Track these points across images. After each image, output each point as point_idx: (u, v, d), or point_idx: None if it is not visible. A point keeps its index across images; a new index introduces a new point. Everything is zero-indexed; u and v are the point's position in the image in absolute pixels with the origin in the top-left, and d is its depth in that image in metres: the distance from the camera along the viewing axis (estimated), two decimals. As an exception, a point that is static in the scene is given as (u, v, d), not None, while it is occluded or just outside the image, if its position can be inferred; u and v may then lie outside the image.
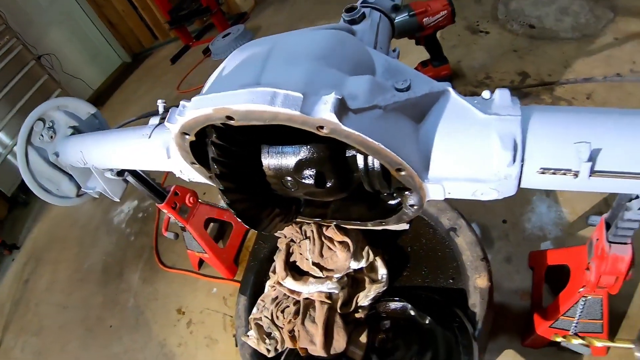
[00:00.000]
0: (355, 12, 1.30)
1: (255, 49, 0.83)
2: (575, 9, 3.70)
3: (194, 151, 0.89)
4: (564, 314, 1.52)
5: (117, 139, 1.46)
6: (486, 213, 2.24)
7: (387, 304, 1.24)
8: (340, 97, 0.62)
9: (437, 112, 0.75)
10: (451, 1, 2.46)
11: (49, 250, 3.77)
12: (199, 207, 2.32)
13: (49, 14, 5.55)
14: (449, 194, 0.78)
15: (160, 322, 2.60)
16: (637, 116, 0.71)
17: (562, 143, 0.70)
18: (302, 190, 0.86)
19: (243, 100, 0.66)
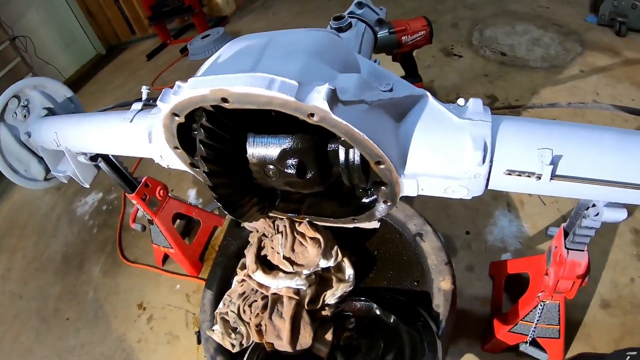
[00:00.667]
0: (343, 21, 1.37)
1: (251, 41, 0.87)
2: (546, 41, 3.85)
3: (179, 136, 0.92)
4: (523, 319, 1.58)
5: (96, 122, 1.46)
6: (451, 224, 2.32)
7: (353, 303, 1.28)
8: (332, 88, 0.66)
9: (416, 114, 0.81)
10: (430, 23, 2.55)
11: (6, 236, 3.65)
12: (168, 201, 2.31)
13: None
14: (422, 190, 0.83)
15: (120, 317, 2.56)
16: (596, 130, 0.79)
17: (527, 148, 0.76)
18: (282, 180, 0.89)
19: (242, 83, 0.69)
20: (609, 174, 0.76)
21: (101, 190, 3.61)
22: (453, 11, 4.54)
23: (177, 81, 0.79)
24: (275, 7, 5.92)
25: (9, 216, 3.88)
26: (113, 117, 1.38)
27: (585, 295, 1.96)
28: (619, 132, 0.80)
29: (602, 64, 3.49)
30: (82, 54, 6.23)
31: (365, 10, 1.57)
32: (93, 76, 5.95)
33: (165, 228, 2.28)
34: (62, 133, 1.60)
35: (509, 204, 2.38)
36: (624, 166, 0.76)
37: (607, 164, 0.76)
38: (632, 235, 2.16)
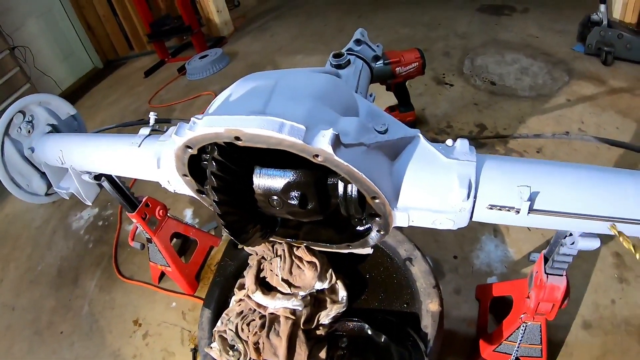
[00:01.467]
0: (342, 59, 1.46)
1: (259, 82, 0.94)
2: (534, 70, 3.96)
3: (188, 165, 0.99)
4: (507, 339, 1.66)
5: (104, 144, 1.52)
6: (438, 249, 2.40)
7: (346, 323, 1.35)
8: (336, 133, 0.74)
9: (409, 153, 0.90)
10: (423, 55, 2.64)
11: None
12: (167, 220, 2.37)
13: (30, 4, 5.45)
14: (412, 221, 0.92)
15: (115, 332, 2.58)
16: (570, 168, 0.89)
17: (507, 185, 0.86)
18: (285, 210, 0.97)
19: (255, 125, 0.76)
20: (582, 208, 0.85)
21: (97, 206, 3.62)
22: (445, 39, 4.65)
23: (192, 117, 0.85)
24: (272, 29, 6.02)
25: (2, 227, 3.86)
26: (121, 140, 1.44)
27: (568, 316, 2.03)
28: (593, 169, 0.89)
29: (588, 93, 3.59)
30: (80, 67, 6.28)
31: (363, 47, 1.66)
32: (89, 90, 5.98)
33: (163, 247, 2.33)
34: (67, 151, 1.65)
35: (495, 229, 2.46)
36: (595, 201, 0.86)
37: (580, 199, 0.86)
38: (613, 258, 2.24)
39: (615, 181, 0.87)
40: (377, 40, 2.12)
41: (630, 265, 2.20)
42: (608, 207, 0.85)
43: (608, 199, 0.85)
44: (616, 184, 0.86)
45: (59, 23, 5.91)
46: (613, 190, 0.85)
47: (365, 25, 2.02)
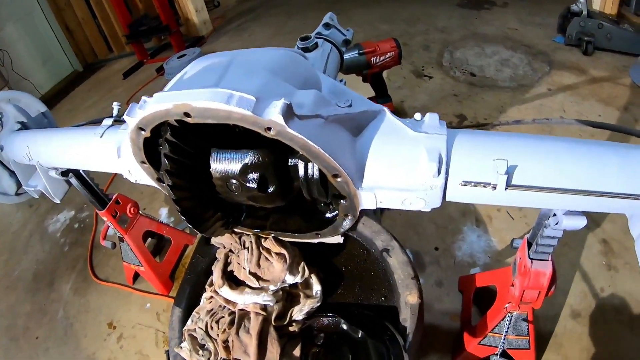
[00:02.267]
0: (309, 41, 1.41)
1: (216, 59, 0.89)
2: (515, 61, 3.95)
3: (146, 151, 0.93)
4: (492, 331, 1.61)
5: (67, 137, 1.46)
6: (419, 241, 2.36)
7: (320, 319, 1.28)
8: (288, 103, 0.68)
9: (373, 128, 0.83)
10: (399, 44, 2.60)
11: (-25, 254, 3.55)
12: (139, 218, 2.29)
13: (10, 7, 5.34)
14: (380, 202, 0.85)
15: (90, 335, 2.53)
16: (549, 140, 0.82)
17: (482, 159, 0.79)
18: (245, 194, 0.91)
19: (203, 98, 0.71)
20: (564, 182, 0.79)
21: (73, 208, 3.55)
22: (425, 34, 4.65)
23: (143, 96, 0.81)
24: (251, 28, 5.99)
25: (-22, 234, 3.75)
26: (84, 133, 1.38)
27: (556, 306, 2.00)
28: (572, 141, 0.83)
29: (569, 82, 3.59)
30: (59, 71, 6.15)
31: (332, 31, 1.60)
32: (69, 93, 5.88)
33: (135, 246, 2.26)
34: (33, 147, 1.59)
35: (478, 219, 2.42)
36: (578, 174, 0.79)
37: (561, 172, 0.80)
38: (600, 246, 2.21)
39: (598, 153, 0.81)
40: (357, 37, 2.09)
41: (619, 252, 2.18)
42: (592, 181, 0.79)
43: (591, 172, 0.79)
44: (599, 156, 0.80)
45: (38, 27, 5.79)
46: (596, 163, 0.79)
47: (345, 22, 1.98)
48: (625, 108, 3.31)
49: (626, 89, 3.54)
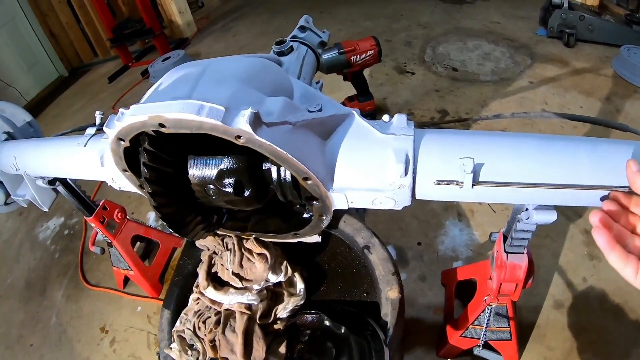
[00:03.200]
0: (284, 45, 1.43)
1: (189, 69, 0.92)
2: (497, 55, 3.99)
3: (127, 159, 0.96)
4: (473, 323, 1.64)
5: (52, 147, 1.48)
6: (402, 236, 2.39)
7: (304, 316, 1.32)
8: (255, 112, 0.71)
9: (342, 131, 0.86)
10: (378, 42, 2.63)
11: (-33, 264, 3.56)
12: (126, 223, 2.31)
13: None
14: (351, 203, 0.88)
15: (83, 341, 2.54)
16: (517, 137, 0.85)
17: (449, 158, 0.82)
18: (222, 199, 0.94)
19: (175, 110, 0.74)
20: (530, 177, 0.82)
21: (63, 215, 3.56)
22: (407, 30, 4.67)
23: (120, 108, 0.84)
24: (235, 29, 5.98)
25: (-31, 244, 3.75)
26: (68, 142, 1.40)
27: (538, 297, 2.03)
28: (541, 137, 0.86)
29: (551, 75, 3.63)
30: (45, 76, 6.10)
31: (308, 34, 1.63)
32: (55, 99, 5.85)
33: (124, 250, 2.28)
34: (20, 157, 1.60)
35: (460, 213, 2.46)
36: (545, 169, 0.82)
37: (528, 167, 0.82)
38: (582, 236, 2.25)
39: (565, 148, 0.83)
40: (340, 34, 2.12)
41: (601, 242, 2.20)
42: (559, 175, 0.81)
43: (559, 166, 0.81)
44: (567, 150, 0.82)
45: (22, 32, 5.73)
46: (564, 157, 0.82)
47: (328, 20, 2.00)
48: (608, 99, 3.34)
49: (608, 80, 3.57)
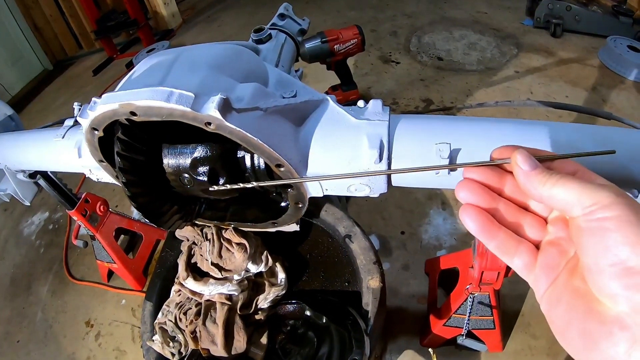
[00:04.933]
0: (262, 33, 1.41)
1: (163, 57, 0.91)
2: (482, 44, 3.99)
3: (103, 150, 0.95)
4: (455, 312, 1.64)
5: (31, 139, 1.45)
6: (386, 225, 2.39)
7: (285, 306, 1.31)
8: (224, 97, 0.70)
9: (316, 117, 0.85)
10: (362, 31, 2.62)
11: (-48, 262, 3.54)
12: (109, 216, 2.30)
13: None
14: (326, 190, 0.87)
15: (69, 336, 2.54)
16: (491, 122, 0.84)
17: (424, 144, 0.80)
18: (197, 188, 0.93)
19: (144, 97, 0.73)
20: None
21: (47, 210, 3.54)
22: (392, 20, 4.67)
23: (93, 97, 0.82)
24: (220, 19, 5.95)
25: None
26: (47, 134, 1.37)
27: (522, 285, 2.05)
28: (520, 123, 0.84)
29: (537, 65, 3.64)
30: (29, 70, 6.04)
31: (287, 22, 1.61)
32: (39, 93, 5.81)
33: (107, 243, 2.27)
34: (0, 151, 1.57)
35: (444, 202, 2.46)
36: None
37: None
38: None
39: (545, 133, 0.81)
40: (325, 24, 2.10)
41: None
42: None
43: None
44: (545, 136, 0.81)
45: (6, 26, 5.66)
46: (543, 143, 0.80)
47: (314, 10, 1.99)
48: (594, 88, 3.37)
49: (594, 70, 3.59)
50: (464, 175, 0.60)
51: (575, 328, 0.45)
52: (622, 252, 0.41)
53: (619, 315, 0.42)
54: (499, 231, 0.54)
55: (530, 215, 0.56)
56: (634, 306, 0.40)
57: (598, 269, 0.43)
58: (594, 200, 0.45)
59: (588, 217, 0.45)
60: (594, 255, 0.44)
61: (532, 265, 0.53)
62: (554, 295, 0.49)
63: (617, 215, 0.43)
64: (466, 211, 0.55)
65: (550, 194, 0.48)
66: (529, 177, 0.51)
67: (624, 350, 0.41)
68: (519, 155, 0.53)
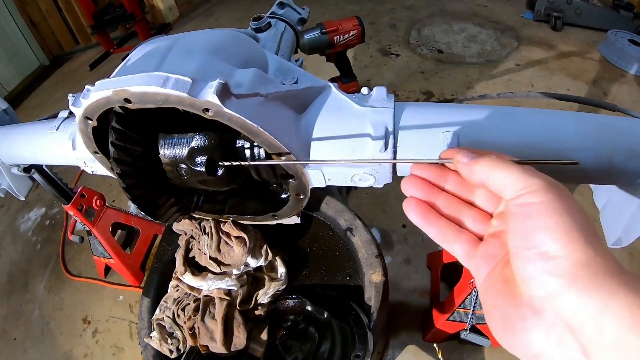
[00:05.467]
0: (261, 21, 1.38)
1: (158, 43, 0.87)
2: (483, 37, 3.96)
3: (97, 141, 0.92)
4: (459, 306, 1.61)
5: (25, 132, 1.42)
6: (387, 219, 2.37)
7: (286, 301, 1.28)
8: (223, 82, 0.67)
9: (318, 104, 0.82)
10: (361, 22, 2.59)
11: (-52, 260, 3.51)
12: (106, 210, 2.27)
13: None
14: (329, 180, 0.84)
15: (66, 333, 2.52)
16: (499, 110, 0.81)
17: (431, 132, 0.78)
18: (195, 179, 0.89)
19: (139, 83, 0.70)
20: (516, 152, 0.77)
21: (44, 205, 3.51)
22: (391, 12, 4.64)
23: (86, 85, 0.79)
24: (217, 13, 5.92)
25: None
26: (41, 127, 1.34)
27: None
28: (528, 111, 0.81)
29: (537, 58, 3.62)
30: (26, 66, 5.99)
31: (287, 10, 1.58)
32: (36, 88, 5.76)
33: (103, 238, 2.24)
34: (-6, 146, 1.55)
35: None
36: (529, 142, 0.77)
37: (516, 142, 0.78)
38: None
39: (550, 121, 0.79)
40: (322, 18, 2.07)
41: (589, 220, 2.20)
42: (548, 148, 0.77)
43: (545, 141, 0.77)
44: (551, 124, 0.78)
45: (1, 22, 5.61)
46: (550, 131, 0.77)
47: (311, 4, 1.96)
48: (594, 82, 3.35)
49: (595, 64, 3.58)
50: (410, 171, 0.65)
51: (498, 312, 0.48)
52: (539, 237, 0.44)
53: (531, 300, 0.44)
54: (438, 220, 0.59)
55: (475, 210, 0.59)
56: (547, 291, 0.42)
57: (517, 252, 0.46)
58: (524, 185, 0.47)
59: (515, 202, 0.48)
60: (515, 238, 0.46)
61: (473, 254, 0.56)
62: (489, 282, 0.51)
63: (541, 202, 0.45)
64: (408, 202, 0.61)
65: (488, 176, 0.52)
66: (469, 166, 0.54)
67: (542, 335, 0.43)
68: (460, 153, 0.57)
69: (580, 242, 0.42)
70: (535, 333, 0.43)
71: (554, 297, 0.42)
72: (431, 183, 0.62)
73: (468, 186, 0.60)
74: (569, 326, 0.41)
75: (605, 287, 0.39)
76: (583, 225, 0.44)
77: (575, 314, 0.40)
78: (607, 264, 0.41)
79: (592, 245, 0.42)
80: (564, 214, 0.44)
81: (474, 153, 0.56)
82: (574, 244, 0.42)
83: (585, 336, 0.39)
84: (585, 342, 0.39)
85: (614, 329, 0.37)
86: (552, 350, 0.42)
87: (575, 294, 0.40)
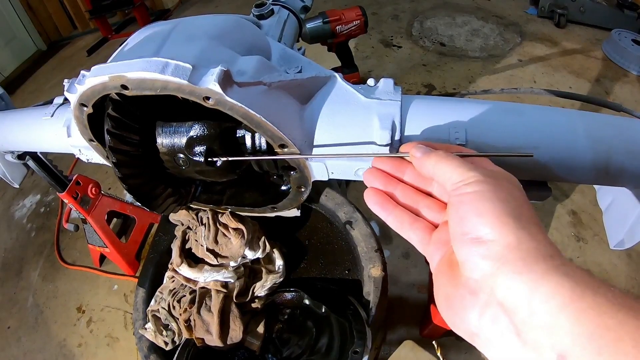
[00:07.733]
0: (264, 8, 1.35)
1: (158, 28, 0.85)
2: (486, 31, 3.94)
3: (93, 128, 0.89)
4: (458, 303, 1.59)
5: (20, 118, 1.39)
6: (386, 212, 2.34)
7: (283, 294, 1.26)
8: (225, 70, 0.64)
9: (323, 95, 0.79)
10: (364, 12, 2.56)
11: (-58, 247, 3.49)
12: (101, 198, 2.24)
13: None
14: (332, 173, 0.82)
15: (60, 322, 2.50)
16: (508, 106, 0.79)
17: (438, 126, 0.76)
18: (193, 169, 0.87)
19: (137, 68, 0.68)
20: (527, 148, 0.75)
21: (39, 192, 3.48)
22: (394, 3, 4.61)
23: (81, 70, 0.77)
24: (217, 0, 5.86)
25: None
26: (35, 113, 1.31)
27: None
28: (537, 108, 0.80)
29: (540, 54, 3.60)
30: (23, 51, 5.93)
31: (290, -3, 1.55)
32: (33, 74, 5.70)
33: (99, 227, 2.22)
34: (-13, 132, 1.52)
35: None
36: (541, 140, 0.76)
37: (521, 137, 0.76)
38: (570, 217, 2.23)
39: (559, 119, 0.77)
40: (324, 7, 2.04)
41: (587, 224, 2.19)
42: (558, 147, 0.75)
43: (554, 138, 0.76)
44: (560, 122, 0.77)
45: (-1, 7, 5.57)
46: (558, 129, 0.76)
47: (315, -5, 1.94)
48: (597, 80, 3.34)
49: (598, 62, 3.56)
50: (372, 164, 0.69)
51: (442, 292, 0.51)
52: (472, 223, 0.47)
53: (468, 281, 0.47)
54: (395, 209, 0.63)
55: (431, 200, 0.63)
56: (481, 273, 0.45)
57: (455, 237, 0.49)
58: (462, 178, 0.51)
59: (454, 192, 0.52)
60: (453, 225, 0.50)
61: (428, 241, 0.59)
62: (440, 267, 0.55)
63: (474, 191, 0.49)
64: (368, 192, 0.66)
65: (434, 170, 0.57)
66: (421, 160, 0.59)
67: (477, 315, 0.45)
68: (415, 147, 0.61)
69: (511, 226, 0.45)
70: (472, 312, 0.45)
71: (488, 279, 0.44)
72: (391, 175, 0.66)
73: (426, 178, 0.63)
74: (503, 307, 0.42)
75: (536, 269, 0.41)
76: (517, 212, 0.46)
77: (508, 295, 0.42)
78: (539, 247, 0.44)
79: (525, 230, 0.45)
80: (496, 201, 0.47)
81: (429, 147, 0.61)
82: (505, 228, 0.45)
83: (517, 317, 0.41)
84: (518, 322, 0.41)
85: (544, 310, 0.39)
86: (487, 328, 0.44)
87: (507, 276, 0.42)
